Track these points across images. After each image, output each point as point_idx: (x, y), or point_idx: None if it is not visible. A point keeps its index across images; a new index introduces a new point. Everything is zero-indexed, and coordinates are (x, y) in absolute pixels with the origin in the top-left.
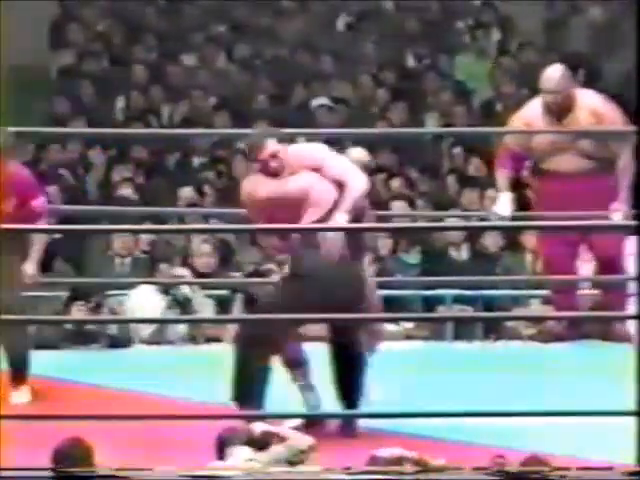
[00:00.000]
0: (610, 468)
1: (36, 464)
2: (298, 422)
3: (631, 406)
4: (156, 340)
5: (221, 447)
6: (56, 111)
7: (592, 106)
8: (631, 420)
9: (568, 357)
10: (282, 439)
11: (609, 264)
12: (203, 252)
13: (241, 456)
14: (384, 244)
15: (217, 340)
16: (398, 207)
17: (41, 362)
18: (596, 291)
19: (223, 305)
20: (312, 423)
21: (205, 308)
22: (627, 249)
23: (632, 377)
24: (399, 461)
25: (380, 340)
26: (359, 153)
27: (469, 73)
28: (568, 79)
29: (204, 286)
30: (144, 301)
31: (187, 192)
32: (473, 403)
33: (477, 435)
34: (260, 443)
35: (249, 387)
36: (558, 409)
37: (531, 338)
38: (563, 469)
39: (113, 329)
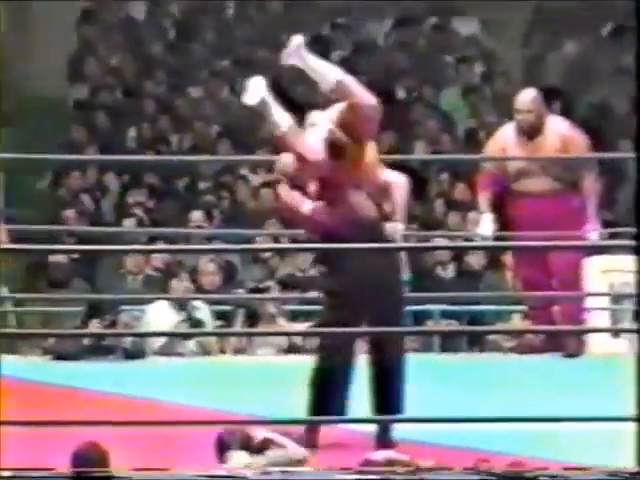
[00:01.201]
0: (588, 469)
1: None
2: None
3: (617, 412)
4: (167, 352)
5: (221, 448)
6: (74, 139)
7: (560, 131)
8: (615, 426)
9: (545, 368)
10: (280, 447)
11: (569, 281)
12: (208, 270)
13: (239, 461)
14: None
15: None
16: (389, 228)
17: (62, 372)
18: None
19: (227, 319)
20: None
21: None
22: (585, 267)
23: (605, 386)
24: (391, 463)
25: None
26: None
27: (454, 104)
28: (540, 102)
29: (210, 301)
30: (159, 316)
31: (196, 215)
32: (460, 410)
33: (463, 440)
34: (257, 448)
35: (329, 396)
36: (557, 415)
37: (511, 350)
38: (544, 468)
39: (127, 342)
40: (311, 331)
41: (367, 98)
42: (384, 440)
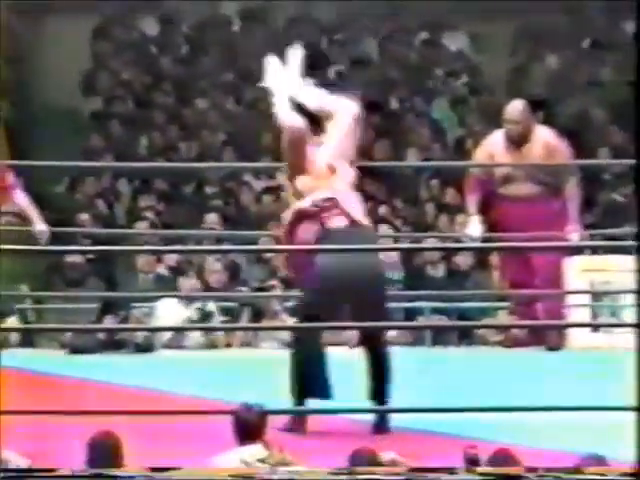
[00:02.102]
0: (577, 469)
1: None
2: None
3: (599, 401)
4: (175, 345)
5: (241, 429)
6: (91, 147)
7: (545, 140)
8: (599, 414)
9: (529, 360)
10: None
11: (551, 279)
12: (215, 269)
13: (253, 454)
14: None
15: (228, 346)
16: (383, 230)
17: (78, 365)
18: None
19: (232, 315)
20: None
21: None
22: (566, 267)
23: (586, 376)
24: (394, 464)
25: None
26: None
27: (444, 114)
28: (528, 113)
29: (216, 298)
30: (169, 312)
31: (210, 218)
32: (450, 400)
33: (452, 428)
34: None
35: (312, 381)
36: (557, 405)
37: (498, 344)
38: (534, 469)
39: (139, 336)
40: (313, 326)
41: (348, 105)
42: (381, 427)
